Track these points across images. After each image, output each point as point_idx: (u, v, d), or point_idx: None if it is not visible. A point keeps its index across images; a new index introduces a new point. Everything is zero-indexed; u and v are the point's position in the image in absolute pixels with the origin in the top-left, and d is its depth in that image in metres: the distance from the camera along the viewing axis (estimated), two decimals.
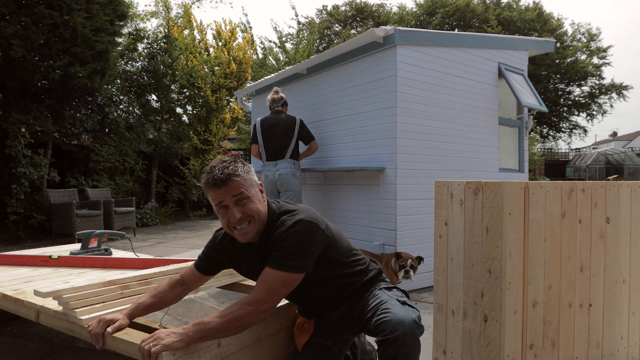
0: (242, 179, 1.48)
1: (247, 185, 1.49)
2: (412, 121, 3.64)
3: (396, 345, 1.36)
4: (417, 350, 1.40)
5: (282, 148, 3.94)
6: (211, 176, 1.46)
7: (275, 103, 4.13)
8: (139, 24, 9.30)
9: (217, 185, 1.45)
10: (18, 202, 6.51)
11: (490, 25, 21.76)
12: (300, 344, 1.70)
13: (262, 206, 1.52)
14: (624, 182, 2.03)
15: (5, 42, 5.84)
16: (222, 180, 1.44)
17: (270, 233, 1.53)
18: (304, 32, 16.71)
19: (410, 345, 1.37)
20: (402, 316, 1.39)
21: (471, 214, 1.69)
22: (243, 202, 1.47)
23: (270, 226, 1.54)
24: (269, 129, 4.00)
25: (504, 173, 4.50)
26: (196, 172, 10.16)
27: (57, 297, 1.61)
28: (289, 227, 1.46)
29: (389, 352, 1.38)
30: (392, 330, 1.36)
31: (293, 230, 1.45)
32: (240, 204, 1.47)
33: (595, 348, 1.90)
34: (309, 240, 1.46)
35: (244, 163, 1.53)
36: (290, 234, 1.45)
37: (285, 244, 1.44)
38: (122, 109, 9.31)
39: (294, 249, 1.44)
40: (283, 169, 3.89)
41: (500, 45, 4.47)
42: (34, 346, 2.42)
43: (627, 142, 41.86)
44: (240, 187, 1.47)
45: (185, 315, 2.99)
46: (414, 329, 1.38)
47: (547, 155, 27.11)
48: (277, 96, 4.14)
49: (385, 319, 1.41)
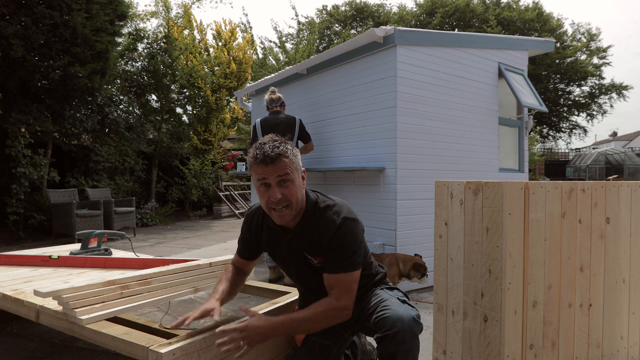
0: (289, 161, 1.47)
1: (292, 168, 1.48)
2: (412, 121, 3.64)
3: (395, 341, 1.38)
4: (416, 347, 1.42)
5: None
6: (261, 152, 1.45)
7: (273, 103, 4.14)
8: (139, 24, 9.30)
9: (265, 163, 1.44)
10: (18, 202, 6.51)
11: (490, 25, 21.76)
12: (299, 339, 1.72)
13: (300, 193, 1.53)
14: (624, 182, 2.03)
15: (5, 42, 5.84)
16: (271, 158, 1.44)
17: (308, 223, 1.55)
18: (304, 32, 16.73)
19: (409, 341, 1.39)
20: (401, 313, 1.41)
21: (471, 214, 1.69)
22: (286, 184, 1.47)
23: (308, 215, 1.55)
24: (270, 129, 4.02)
25: (504, 173, 4.50)
26: (196, 172, 10.17)
27: (57, 297, 1.61)
28: (339, 226, 1.49)
29: (388, 349, 1.39)
30: (391, 326, 1.39)
31: (346, 231, 1.49)
32: (282, 186, 1.47)
33: (595, 348, 1.90)
34: (360, 236, 1.53)
35: (292, 146, 1.53)
36: (344, 234, 1.49)
37: (344, 246, 1.49)
38: (122, 109, 9.31)
39: (353, 247, 1.49)
40: None
41: (500, 45, 4.47)
42: (34, 346, 2.42)
43: (627, 142, 41.84)
44: (286, 169, 1.46)
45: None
46: (413, 325, 1.40)
47: (547, 155, 27.11)
48: (275, 96, 4.16)
49: (384, 316, 1.43)
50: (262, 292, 2.24)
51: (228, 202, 10.78)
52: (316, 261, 1.56)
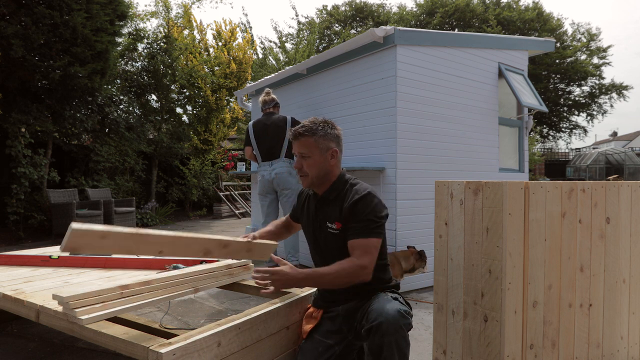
0: (313, 140, 1.71)
1: (314, 146, 1.72)
2: (412, 121, 3.64)
3: (379, 333, 1.42)
4: (402, 339, 1.44)
5: (276, 148, 4.01)
6: (294, 129, 1.74)
7: (266, 105, 4.18)
8: (139, 24, 9.30)
9: (294, 138, 1.74)
10: (18, 202, 6.51)
11: (489, 25, 21.76)
12: (305, 330, 1.78)
13: (319, 169, 1.73)
14: (624, 182, 2.03)
15: (5, 42, 5.84)
16: (294, 135, 1.73)
17: (334, 191, 1.75)
18: (304, 32, 16.73)
19: (393, 332, 1.42)
20: (387, 307, 1.47)
21: (471, 214, 1.69)
22: (305, 158, 1.73)
23: (336, 185, 1.76)
24: (261, 130, 4.08)
25: (504, 173, 4.50)
26: (196, 172, 10.17)
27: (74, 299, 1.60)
28: (364, 196, 1.64)
29: (375, 341, 1.43)
30: (375, 318, 1.45)
31: (369, 202, 1.64)
32: (302, 158, 1.74)
33: (596, 348, 1.90)
34: (381, 213, 1.65)
35: (332, 127, 1.76)
36: (367, 204, 1.63)
37: (366, 213, 1.62)
38: (122, 109, 9.31)
39: (374, 218, 1.62)
40: (279, 168, 3.96)
41: (500, 45, 4.47)
42: (34, 346, 2.42)
43: (627, 142, 41.82)
44: (306, 147, 1.72)
45: (185, 315, 2.99)
46: (397, 317, 1.44)
47: (547, 155, 27.12)
48: (269, 98, 4.18)
49: (370, 309, 1.53)
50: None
51: (228, 202, 10.78)
52: (335, 226, 1.69)
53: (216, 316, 2.99)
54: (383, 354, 1.42)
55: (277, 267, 1.64)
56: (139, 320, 2.19)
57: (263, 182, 4.04)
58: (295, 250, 3.98)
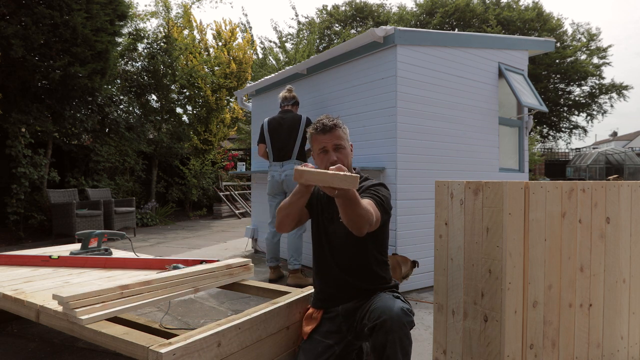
0: (342, 132, 1.78)
1: (345, 138, 1.79)
2: (412, 121, 3.64)
3: (383, 330, 1.41)
4: (406, 338, 1.44)
5: (288, 148, 3.92)
6: (321, 124, 1.75)
7: (285, 102, 4.07)
8: (139, 24, 9.30)
9: (324, 132, 1.73)
10: (18, 202, 6.51)
11: (489, 25, 21.76)
12: (306, 332, 1.77)
13: (349, 160, 1.79)
14: (624, 182, 2.03)
15: (5, 42, 5.84)
16: (329, 128, 1.73)
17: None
18: (304, 32, 16.74)
19: (397, 330, 1.41)
20: (390, 304, 1.47)
21: (471, 214, 1.69)
22: (340, 150, 1.74)
23: None
24: (275, 128, 3.98)
25: (504, 173, 4.50)
26: (196, 172, 10.17)
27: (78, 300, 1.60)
28: (377, 183, 1.77)
29: (379, 339, 1.43)
30: (379, 316, 1.45)
31: (381, 187, 1.74)
32: (338, 151, 1.74)
33: (596, 348, 1.90)
34: (390, 201, 1.73)
35: (343, 122, 1.83)
36: (379, 187, 1.73)
37: (376, 189, 1.71)
38: (122, 109, 9.31)
39: (383, 197, 1.68)
40: (290, 169, 3.88)
41: (501, 45, 4.47)
42: (34, 346, 2.42)
43: (627, 142, 41.82)
44: (341, 137, 1.76)
45: (185, 315, 3.00)
46: (401, 315, 1.44)
47: (547, 155, 27.10)
48: (290, 95, 4.08)
49: (373, 307, 1.52)
50: (262, 292, 2.24)
51: (228, 202, 10.78)
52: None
53: (216, 316, 2.99)
54: (386, 352, 1.42)
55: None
56: (139, 320, 2.19)
57: (273, 182, 3.98)
58: (298, 254, 3.92)
